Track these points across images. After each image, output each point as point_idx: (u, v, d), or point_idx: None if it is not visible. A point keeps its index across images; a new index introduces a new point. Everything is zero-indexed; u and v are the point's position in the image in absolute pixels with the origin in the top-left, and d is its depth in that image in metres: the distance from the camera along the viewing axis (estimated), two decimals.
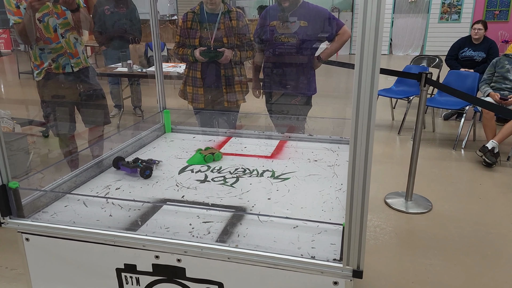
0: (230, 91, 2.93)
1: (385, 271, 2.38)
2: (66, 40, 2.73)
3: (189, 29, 2.83)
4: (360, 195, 1.00)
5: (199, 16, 2.81)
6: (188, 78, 2.97)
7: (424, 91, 2.96)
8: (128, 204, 1.43)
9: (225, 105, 2.93)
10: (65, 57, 2.75)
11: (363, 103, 0.93)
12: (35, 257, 1.36)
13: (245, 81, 3.00)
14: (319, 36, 2.83)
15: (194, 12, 2.83)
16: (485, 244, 2.62)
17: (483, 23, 5.12)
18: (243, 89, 3.00)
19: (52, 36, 2.68)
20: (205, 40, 2.82)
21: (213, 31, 2.79)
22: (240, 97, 2.98)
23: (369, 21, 0.88)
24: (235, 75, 2.92)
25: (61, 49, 2.73)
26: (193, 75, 2.93)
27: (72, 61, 2.79)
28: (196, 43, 2.82)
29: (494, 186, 3.48)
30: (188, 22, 2.83)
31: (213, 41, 2.80)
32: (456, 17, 11.62)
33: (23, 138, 3.55)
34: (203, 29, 2.80)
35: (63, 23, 2.71)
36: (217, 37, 2.80)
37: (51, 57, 2.72)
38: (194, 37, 2.82)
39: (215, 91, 2.94)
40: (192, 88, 2.95)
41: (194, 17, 2.82)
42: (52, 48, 2.70)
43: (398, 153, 4.40)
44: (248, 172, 1.71)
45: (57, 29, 2.68)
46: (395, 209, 3.07)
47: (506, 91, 4.25)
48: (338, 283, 1.10)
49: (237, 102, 2.98)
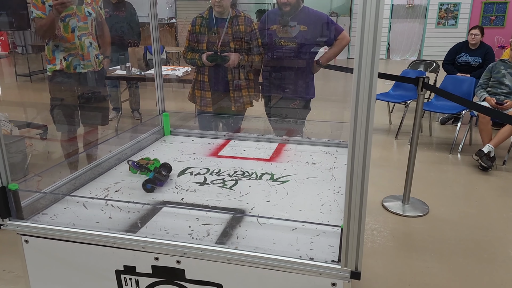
0: (237, 95, 2.94)
1: (382, 273, 2.39)
2: (81, 42, 2.82)
3: (197, 34, 2.85)
4: (358, 197, 1.01)
5: (207, 20, 2.83)
6: (197, 82, 2.99)
7: (421, 95, 2.98)
8: (128, 206, 1.43)
9: (232, 109, 2.94)
10: (77, 57, 2.83)
11: (362, 107, 0.94)
12: (34, 259, 1.36)
13: (252, 85, 3.01)
14: (318, 40, 2.85)
15: (202, 17, 2.85)
16: (481, 247, 2.64)
17: (479, 28, 5.16)
18: (251, 93, 3.01)
19: (69, 36, 2.77)
20: (212, 45, 2.84)
21: (220, 35, 2.81)
22: (247, 101, 2.99)
23: (368, 25, 0.89)
24: (243, 79, 2.93)
25: (73, 50, 2.81)
26: (201, 79, 2.95)
27: (82, 63, 2.86)
28: (203, 48, 2.84)
29: (490, 190, 3.50)
30: (196, 27, 2.86)
31: (220, 46, 2.82)
32: (453, 23, 11.69)
33: (21, 141, 3.55)
34: (211, 33, 2.82)
35: (83, 27, 2.81)
36: (224, 41, 2.81)
37: (63, 55, 2.80)
38: (202, 41, 2.84)
39: (223, 95, 2.96)
40: (201, 92, 2.97)
41: (202, 22, 2.84)
42: (65, 47, 2.79)
43: (396, 156, 4.42)
44: (247, 174, 1.72)
45: (75, 30, 2.78)
46: (392, 212, 3.09)
47: (502, 95, 4.29)
48: (336, 284, 1.11)
49: (244, 106, 2.99)
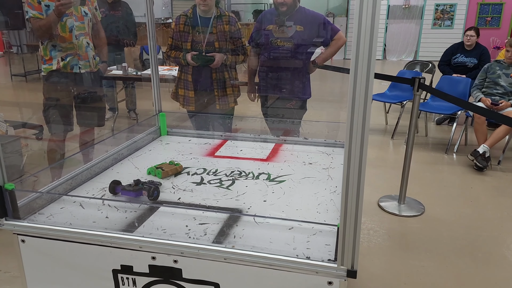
0: (221, 94, 2.95)
1: (378, 272, 2.40)
2: (79, 42, 2.80)
3: (181, 32, 2.84)
4: (354, 196, 1.02)
5: (191, 19, 2.82)
6: (180, 81, 2.98)
7: (417, 96, 3.00)
8: (125, 206, 1.43)
9: (217, 107, 2.94)
10: (75, 57, 2.81)
11: (358, 107, 0.95)
12: (31, 259, 1.36)
13: (237, 84, 3.02)
14: (314, 41, 2.86)
15: (186, 16, 2.84)
16: (476, 246, 2.66)
17: (475, 29, 5.19)
18: (235, 92, 3.01)
19: (67, 35, 2.75)
20: (197, 44, 2.83)
21: (205, 35, 2.80)
22: (231, 100, 2.99)
23: (364, 26, 0.90)
24: (227, 78, 2.94)
25: (72, 49, 2.79)
26: (184, 78, 2.94)
27: (81, 63, 2.84)
28: (188, 47, 2.83)
29: (485, 190, 3.53)
30: (180, 25, 2.84)
31: (205, 45, 2.81)
32: (449, 23, 11.75)
33: (17, 141, 3.54)
34: (195, 32, 2.81)
35: (80, 26, 2.79)
36: (209, 41, 2.81)
37: (61, 55, 2.78)
38: (186, 40, 2.83)
39: (206, 94, 2.96)
40: (184, 91, 2.97)
41: (186, 21, 2.83)
42: (63, 47, 2.77)
43: (392, 157, 4.44)
44: (244, 174, 1.73)
45: (73, 30, 2.76)
46: (388, 212, 3.10)
47: (497, 96, 4.31)
48: (332, 283, 1.12)
49: (229, 105, 2.99)
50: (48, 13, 2.63)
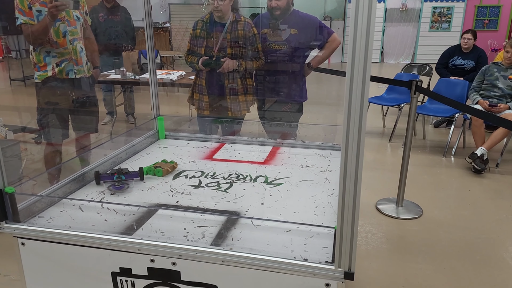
0: (234, 101, 2.94)
1: (376, 275, 2.40)
2: (73, 47, 2.77)
3: (197, 37, 2.87)
4: (351, 198, 1.03)
5: (207, 24, 2.84)
6: (195, 85, 3.01)
7: (415, 98, 3.01)
8: (123, 209, 1.44)
9: (228, 114, 2.95)
10: (70, 63, 2.78)
11: (354, 110, 0.96)
12: (31, 262, 1.37)
13: (251, 91, 3.00)
14: (309, 43, 2.88)
15: (203, 21, 2.86)
16: (474, 249, 2.66)
17: (472, 32, 5.21)
18: (248, 99, 3.00)
19: (61, 41, 2.71)
20: (209, 49, 2.85)
21: (218, 40, 2.82)
22: (244, 107, 2.98)
23: (360, 29, 0.91)
24: (240, 85, 2.93)
25: (67, 55, 2.76)
26: (199, 82, 2.96)
27: (76, 68, 2.81)
28: (201, 52, 2.85)
29: (483, 192, 3.54)
30: (197, 30, 2.87)
31: (216, 51, 2.83)
32: (446, 26, 11.80)
33: (16, 145, 3.54)
34: (209, 38, 2.83)
35: (73, 31, 2.77)
36: (221, 46, 2.82)
37: (56, 61, 2.74)
38: (200, 45, 2.85)
39: (219, 100, 2.97)
40: (199, 95, 2.99)
41: (203, 26, 2.85)
42: (58, 52, 2.73)
43: (389, 160, 4.45)
44: (242, 177, 1.74)
45: (67, 35, 2.73)
46: (386, 215, 3.11)
47: (495, 98, 4.33)
48: (330, 285, 1.13)
49: (241, 112, 2.98)
50: (40, 18, 2.57)
